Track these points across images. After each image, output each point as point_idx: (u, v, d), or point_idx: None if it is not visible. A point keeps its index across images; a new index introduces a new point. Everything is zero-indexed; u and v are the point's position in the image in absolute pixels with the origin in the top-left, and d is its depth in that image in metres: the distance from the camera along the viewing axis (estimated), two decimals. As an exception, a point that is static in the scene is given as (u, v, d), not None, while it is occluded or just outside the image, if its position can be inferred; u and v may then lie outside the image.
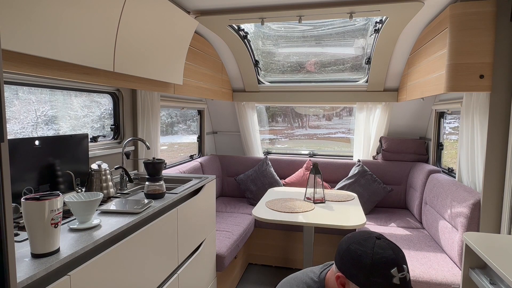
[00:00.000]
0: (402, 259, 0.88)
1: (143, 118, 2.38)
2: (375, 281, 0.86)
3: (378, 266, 0.86)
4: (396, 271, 0.86)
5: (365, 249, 0.89)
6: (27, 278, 0.88)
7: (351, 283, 0.90)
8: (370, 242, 0.90)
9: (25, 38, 1.13)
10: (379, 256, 0.87)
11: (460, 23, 1.79)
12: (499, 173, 1.83)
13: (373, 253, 0.88)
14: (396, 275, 0.85)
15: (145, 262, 1.44)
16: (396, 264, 0.86)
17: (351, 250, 0.91)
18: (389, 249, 0.89)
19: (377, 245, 0.89)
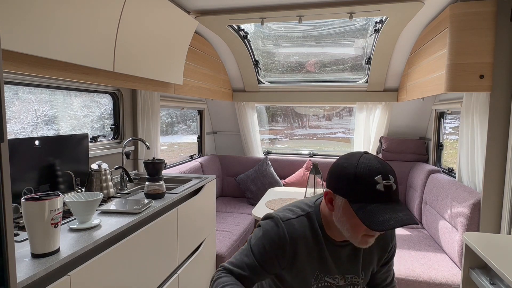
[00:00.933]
0: (389, 171, 0.84)
1: (143, 118, 2.38)
2: (359, 188, 0.82)
3: (362, 175, 0.82)
4: (381, 178, 0.82)
5: (351, 161, 0.86)
6: (27, 278, 0.88)
7: (337, 197, 0.88)
8: (356, 155, 0.87)
9: (25, 38, 1.13)
10: (363, 166, 0.84)
11: (460, 23, 1.79)
12: (499, 173, 1.83)
13: (358, 163, 0.84)
14: (381, 182, 0.81)
15: (145, 262, 1.44)
16: (381, 172, 0.82)
17: (338, 164, 0.89)
18: (375, 160, 0.85)
19: (363, 157, 0.86)
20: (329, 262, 0.98)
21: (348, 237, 0.89)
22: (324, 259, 0.98)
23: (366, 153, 0.88)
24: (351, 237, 0.89)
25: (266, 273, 0.96)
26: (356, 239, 0.88)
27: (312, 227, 0.97)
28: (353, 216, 0.84)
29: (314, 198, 1.03)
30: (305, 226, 0.96)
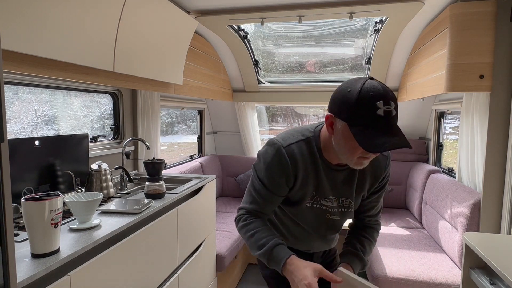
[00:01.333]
0: (391, 97, 0.85)
1: (143, 118, 2.38)
2: (360, 113, 0.84)
3: (364, 99, 0.84)
4: (382, 103, 0.83)
5: (355, 86, 0.87)
6: (27, 278, 0.88)
7: (337, 121, 0.90)
8: (361, 80, 0.88)
9: (25, 38, 1.13)
10: (366, 90, 0.84)
11: (460, 23, 1.79)
12: (499, 173, 1.83)
13: (362, 88, 0.85)
14: (381, 107, 0.83)
15: (145, 262, 1.44)
16: (383, 98, 0.83)
17: (341, 89, 0.90)
18: (378, 85, 0.86)
19: (367, 82, 0.87)
20: (325, 184, 1.04)
21: (345, 159, 0.95)
22: (320, 181, 1.04)
23: (371, 79, 0.88)
24: (347, 159, 0.94)
25: (279, 197, 1.06)
26: (352, 161, 0.93)
27: (310, 151, 1.02)
28: (352, 139, 0.87)
29: (315, 125, 1.08)
30: (304, 150, 1.02)
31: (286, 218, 1.14)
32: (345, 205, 1.09)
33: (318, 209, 1.08)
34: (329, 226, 1.14)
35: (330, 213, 1.09)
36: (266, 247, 0.97)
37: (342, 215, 1.11)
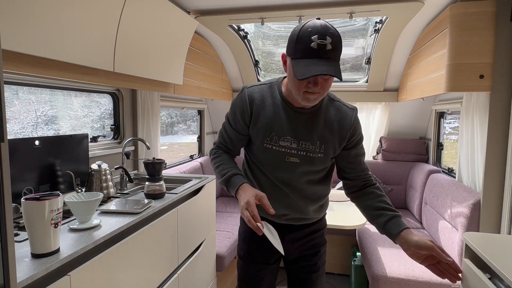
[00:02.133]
0: (330, 34, 0.93)
1: (143, 118, 2.38)
2: (298, 47, 0.95)
3: (303, 34, 0.94)
4: (317, 37, 0.92)
5: (300, 25, 0.98)
6: (27, 278, 0.88)
7: (287, 57, 1.02)
8: (308, 20, 0.98)
9: (25, 38, 1.13)
10: (306, 27, 0.95)
11: (460, 23, 1.79)
12: (499, 173, 1.83)
13: (304, 26, 0.96)
14: (315, 41, 0.92)
15: (145, 262, 1.44)
16: (319, 33, 0.93)
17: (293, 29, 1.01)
18: (320, 23, 0.95)
19: (311, 21, 0.97)
20: (283, 124, 1.11)
21: (295, 95, 1.04)
22: (279, 121, 1.11)
23: (318, 19, 0.98)
24: (296, 95, 1.03)
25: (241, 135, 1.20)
26: (299, 96, 1.02)
27: (272, 93, 1.14)
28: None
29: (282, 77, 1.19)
30: (265, 91, 1.14)
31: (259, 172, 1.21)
32: (305, 149, 1.11)
33: (277, 152, 1.13)
34: (291, 171, 1.14)
35: (289, 154, 1.12)
36: (227, 175, 1.14)
37: (303, 159, 1.13)
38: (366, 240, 2.39)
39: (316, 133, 1.11)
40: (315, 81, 0.97)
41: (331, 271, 2.90)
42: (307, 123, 1.11)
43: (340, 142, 1.14)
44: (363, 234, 2.52)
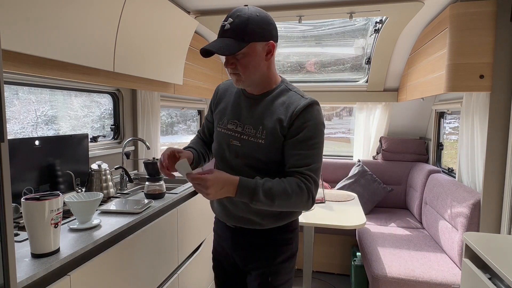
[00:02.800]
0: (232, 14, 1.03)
1: (143, 118, 2.38)
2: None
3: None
4: (224, 19, 1.04)
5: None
6: (27, 278, 0.88)
7: None
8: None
9: (25, 38, 1.13)
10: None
11: (460, 23, 1.79)
12: (499, 173, 1.83)
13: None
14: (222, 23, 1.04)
15: (145, 262, 1.44)
16: (227, 15, 1.04)
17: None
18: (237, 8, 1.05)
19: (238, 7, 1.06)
20: (234, 108, 1.17)
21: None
22: (231, 105, 1.18)
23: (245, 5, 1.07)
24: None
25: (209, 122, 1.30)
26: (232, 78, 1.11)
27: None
28: None
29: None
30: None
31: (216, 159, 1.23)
32: (247, 133, 1.11)
33: (225, 134, 1.16)
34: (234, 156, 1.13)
35: (233, 137, 1.14)
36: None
37: (244, 143, 1.10)
38: (366, 240, 2.39)
39: (259, 117, 1.10)
40: (226, 61, 1.06)
41: (331, 271, 2.90)
42: (253, 107, 1.13)
43: (280, 129, 1.06)
44: (363, 234, 2.52)
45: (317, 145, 1.06)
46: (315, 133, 1.05)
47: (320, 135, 1.07)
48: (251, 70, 1.06)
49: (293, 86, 1.17)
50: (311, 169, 1.04)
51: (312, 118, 1.05)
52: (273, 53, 1.09)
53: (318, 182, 1.06)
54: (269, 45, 1.06)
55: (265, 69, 1.10)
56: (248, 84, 1.10)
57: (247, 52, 1.03)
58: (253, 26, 1.02)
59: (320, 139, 1.07)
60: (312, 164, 1.05)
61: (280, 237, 1.17)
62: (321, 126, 1.08)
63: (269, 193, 1.00)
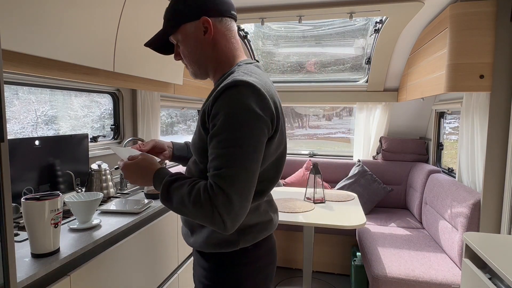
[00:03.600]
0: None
1: (143, 118, 2.38)
2: None
3: None
4: None
5: None
6: (27, 278, 0.88)
7: None
8: None
9: (25, 38, 1.13)
10: None
11: (460, 23, 1.79)
12: (499, 173, 1.83)
13: None
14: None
15: (145, 262, 1.44)
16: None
17: None
18: None
19: None
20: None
21: None
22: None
23: None
24: None
25: None
26: None
27: None
28: None
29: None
30: None
31: None
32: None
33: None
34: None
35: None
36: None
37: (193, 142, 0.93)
38: (366, 240, 2.39)
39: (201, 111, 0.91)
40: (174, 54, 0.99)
41: (331, 271, 2.90)
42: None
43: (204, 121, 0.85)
44: (363, 234, 2.52)
45: (235, 142, 0.76)
46: (230, 124, 0.76)
47: (238, 128, 0.76)
48: (191, 57, 0.93)
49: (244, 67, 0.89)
50: (219, 175, 0.76)
51: (228, 105, 0.77)
52: (212, 30, 0.89)
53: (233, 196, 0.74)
54: (203, 22, 0.88)
55: (208, 52, 0.92)
56: (197, 73, 0.96)
57: (181, 37, 0.92)
58: (178, 6, 0.90)
59: (239, 133, 0.76)
60: (222, 168, 0.76)
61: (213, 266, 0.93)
62: (243, 115, 0.76)
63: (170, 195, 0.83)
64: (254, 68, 0.90)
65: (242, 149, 0.76)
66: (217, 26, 0.90)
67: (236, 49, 0.95)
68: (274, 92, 0.89)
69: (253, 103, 0.77)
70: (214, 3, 0.89)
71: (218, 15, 0.90)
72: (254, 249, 0.92)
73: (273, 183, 0.92)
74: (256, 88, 0.79)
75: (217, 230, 0.78)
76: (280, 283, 2.74)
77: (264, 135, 0.80)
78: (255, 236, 0.91)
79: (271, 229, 0.97)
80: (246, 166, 0.76)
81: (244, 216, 0.78)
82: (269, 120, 0.81)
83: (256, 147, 0.78)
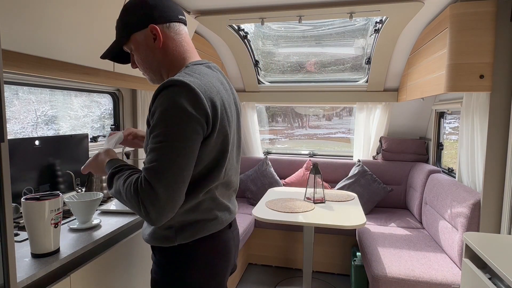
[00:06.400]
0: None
1: (143, 118, 2.38)
2: None
3: None
4: None
5: None
6: (27, 278, 0.88)
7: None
8: None
9: (25, 38, 1.13)
10: None
11: (460, 23, 1.79)
12: (499, 173, 1.83)
13: None
14: None
15: (145, 262, 1.44)
16: None
17: None
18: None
19: None
20: None
21: None
22: None
23: None
24: None
25: None
26: None
27: None
28: None
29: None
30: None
31: None
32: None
33: None
34: None
35: None
36: None
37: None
38: (366, 240, 2.39)
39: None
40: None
41: (331, 271, 2.90)
42: None
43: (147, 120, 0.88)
44: (363, 234, 2.52)
45: (165, 138, 0.80)
46: (162, 121, 0.81)
47: (169, 124, 0.80)
48: (145, 64, 0.98)
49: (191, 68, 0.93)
50: (148, 168, 0.80)
51: (162, 103, 0.82)
52: (161, 37, 0.94)
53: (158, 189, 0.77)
54: (150, 29, 0.93)
55: (159, 58, 0.96)
56: (153, 79, 1.01)
57: (134, 47, 0.97)
58: (126, 17, 0.95)
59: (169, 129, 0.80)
60: (152, 162, 0.80)
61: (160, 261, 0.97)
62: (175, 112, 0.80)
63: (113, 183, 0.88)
64: (201, 68, 0.95)
65: (172, 144, 0.79)
66: (165, 31, 0.95)
67: (186, 51, 1.00)
68: (217, 92, 0.91)
69: (185, 102, 0.81)
70: (160, 11, 0.94)
71: (165, 21, 0.95)
72: (194, 246, 0.93)
73: (212, 182, 0.92)
74: (190, 88, 0.82)
75: (146, 222, 0.87)
76: (280, 283, 2.74)
77: (196, 133, 0.83)
78: (193, 233, 0.93)
79: (216, 227, 0.97)
80: (175, 160, 0.79)
81: (173, 210, 0.81)
82: (202, 119, 0.83)
83: (186, 144, 0.81)
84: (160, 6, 0.94)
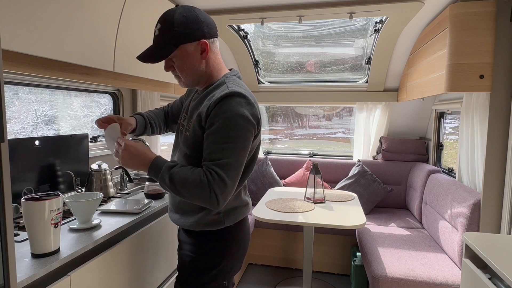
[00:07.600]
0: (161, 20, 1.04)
1: (143, 118, 2.38)
2: None
3: None
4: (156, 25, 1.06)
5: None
6: (27, 278, 0.88)
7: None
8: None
9: (25, 38, 1.13)
10: None
11: (460, 23, 1.79)
12: (499, 173, 1.83)
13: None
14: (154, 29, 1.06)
15: (145, 262, 1.44)
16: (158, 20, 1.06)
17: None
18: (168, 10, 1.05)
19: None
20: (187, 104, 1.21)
21: None
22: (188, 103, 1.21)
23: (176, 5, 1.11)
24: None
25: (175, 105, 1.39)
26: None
27: None
28: None
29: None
30: None
31: None
32: (185, 127, 1.14)
33: (177, 127, 1.23)
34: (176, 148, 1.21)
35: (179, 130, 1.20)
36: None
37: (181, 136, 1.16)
38: (366, 240, 2.39)
39: (192, 111, 1.13)
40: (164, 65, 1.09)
41: (331, 271, 2.90)
42: (193, 102, 1.15)
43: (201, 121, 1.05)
44: (363, 234, 2.52)
45: (231, 139, 0.98)
46: (228, 126, 0.99)
47: (234, 128, 0.99)
48: (188, 72, 1.08)
49: (231, 79, 1.11)
50: (218, 164, 0.98)
51: (228, 110, 0.99)
52: (208, 51, 1.07)
53: (227, 180, 0.97)
54: (201, 44, 1.06)
55: (203, 68, 1.09)
56: (190, 84, 1.13)
57: (179, 55, 1.05)
58: (179, 29, 1.02)
59: (234, 133, 0.99)
60: (221, 159, 0.98)
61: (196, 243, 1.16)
62: (238, 119, 0.99)
63: (172, 177, 1.00)
64: (239, 80, 1.13)
65: (236, 145, 0.99)
66: (210, 46, 1.08)
67: (220, 63, 1.15)
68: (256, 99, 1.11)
69: (246, 110, 1.01)
70: (209, 27, 1.07)
71: (211, 37, 1.08)
72: (235, 227, 1.16)
73: (249, 174, 1.14)
74: (247, 98, 1.03)
75: (209, 206, 1.00)
76: (280, 283, 2.74)
77: (252, 135, 1.04)
78: (236, 217, 1.15)
79: (247, 211, 1.20)
80: (238, 158, 1.00)
81: (230, 196, 1.02)
82: (255, 123, 1.04)
83: (245, 144, 1.02)
84: (207, 22, 1.07)
